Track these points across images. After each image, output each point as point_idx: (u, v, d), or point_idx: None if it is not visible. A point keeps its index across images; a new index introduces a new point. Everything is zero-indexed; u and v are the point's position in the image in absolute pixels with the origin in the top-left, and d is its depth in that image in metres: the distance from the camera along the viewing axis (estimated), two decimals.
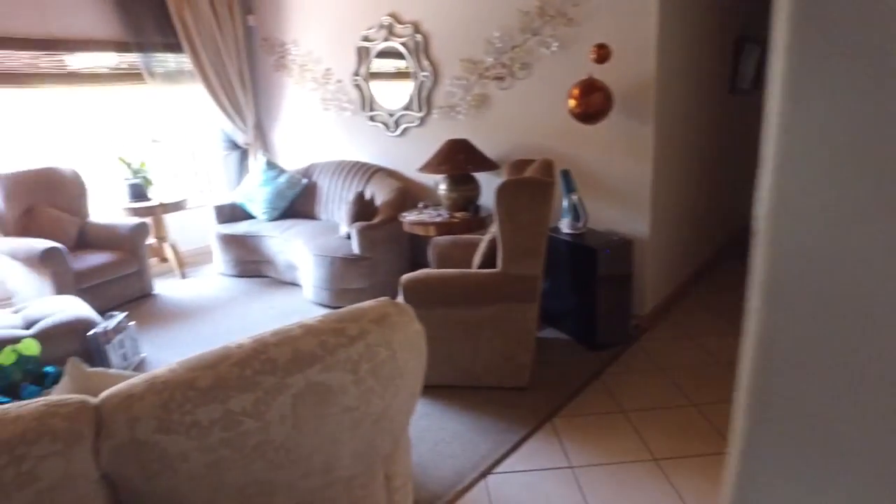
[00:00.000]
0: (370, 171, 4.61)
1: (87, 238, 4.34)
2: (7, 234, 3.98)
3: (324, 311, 3.86)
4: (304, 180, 4.89)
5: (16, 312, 3.28)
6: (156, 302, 4.30)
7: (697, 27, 3.61)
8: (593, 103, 3.11)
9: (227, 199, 4.94)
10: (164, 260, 4.87)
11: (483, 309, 2.68)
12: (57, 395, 1.27)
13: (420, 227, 3.65)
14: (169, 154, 5.28)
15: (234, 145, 5.47)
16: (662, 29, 3.08)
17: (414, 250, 4.36)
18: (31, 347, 2.88)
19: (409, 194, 4.32)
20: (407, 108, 4.35)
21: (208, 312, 4.06)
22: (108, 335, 3.13)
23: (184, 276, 4.79)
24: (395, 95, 4.43)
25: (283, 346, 1.25)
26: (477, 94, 3.91)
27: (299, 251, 4.22)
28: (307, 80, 5.04)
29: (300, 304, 4.11)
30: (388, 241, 3.97)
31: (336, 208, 4.70)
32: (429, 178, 4.25)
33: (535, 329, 2.79)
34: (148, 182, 4.69)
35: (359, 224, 3.84)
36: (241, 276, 4.72)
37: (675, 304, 3.88)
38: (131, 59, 4.79)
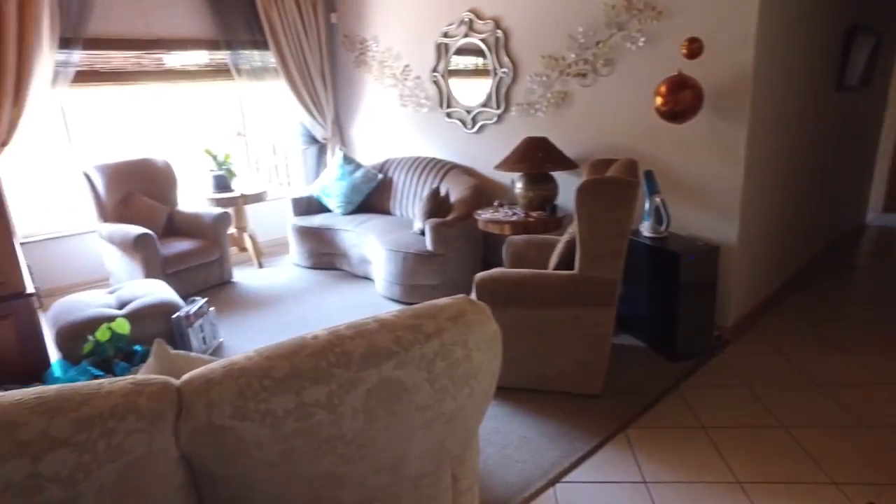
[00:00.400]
0: (445, 168, 4.61)
1: (175, 226, 4.59)
2: (106, 219, 4.27)
3: (395, 307, 3.88)
4: (380, 175, 4.96)
5: (111, 293, 3.51)
6: (234, 289, 4.49)
7: (802, 16, 3.36)
8: (682, 101, 2.96)
9: (304, 192, 5.09)
10: (244, 249, 5.08)
11: (558, 311, 2.60)
12: (143, 374, 1.33)
13: (495, 226, 3.61)
14: (251, 147, 5.51)
15: (313, 140, 5.63)
16: (763, 20, 2.89)
17: (487, 249, 4.33)
18: (123, 326, 3.07)
19: (484, 192, 4.29)
20: (485, 104, 4.31)
21: (283, 302, 4.19)
22: (189, 319, 3.29)
23: (261, 265, 4.97)
24: (472, 92, 4.41)
25: (359, 339, 1.24)
26: (557, 91, 3.82)
27: (372, 246, 4.28)
28: (386, 77, 5.11)
29: (372, 297, 4.17)
30: (462, 238, 3.95)
31: (410, 204, 4.74)
32: (505, 177, 4.20)
33: (610, 335, 2.69)
34: (231, 174, 4.90)
35: (432, 220, 3.85)
36: (315, 267, 4.84)
37: (764, 315, 3.64)
38: (220, 56, 5.03)
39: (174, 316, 3.25)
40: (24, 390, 1.03)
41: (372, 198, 4.97)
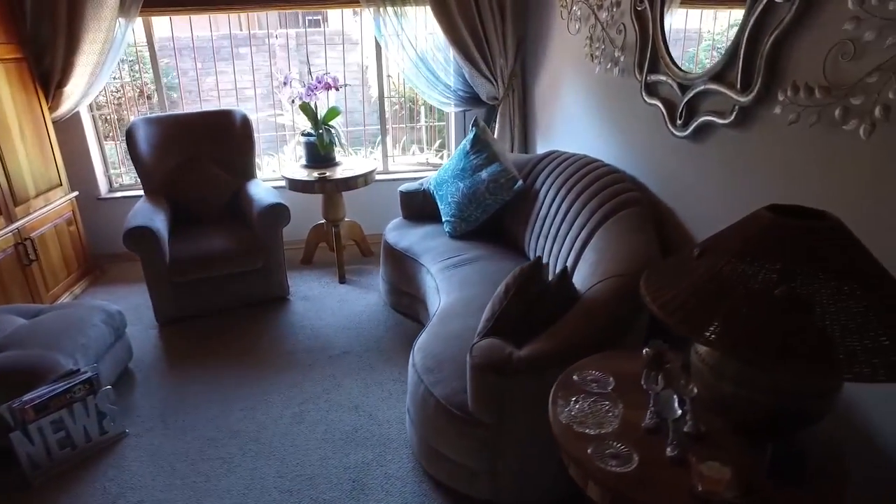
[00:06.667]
0: (625, 196, 2.12)
1: (238, 208, 3.20)
2: (151, 190, 3.12)
3: (402, 472, 1.74)
4: (519, 182, 2.68)
5: (33, 316, 2.34)
6: (270, 316, 2.92)
7: None
8: None
9: (419, 184, 3.14)
10: (332, 249, 3.48)
11: None
12: None
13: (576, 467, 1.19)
14: (369, 104, 3.71)
15: (476, 100, 3.53)
16: None
17: None
18: None
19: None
20: (716, 76, 1.64)
21: (287, 368, 2.46)
22: (25, 413, 1.88)
23: (343, 279, 3.31)
24: (703, 44, 1.76)
25: None
26: None
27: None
28: (576, 4, 2.64)
29: (390, 428, 2.15)
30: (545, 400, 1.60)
31: (549, 244, 2.41)
32: None
33: None
34: (324, 144, 3.19)
35: (490, 345, 1.58)
36: (395, 308, 2.97)
37: None
38: None
39: (4, 405, 1.88)
40: None
41: (507, 215, 2.76)
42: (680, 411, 1.23)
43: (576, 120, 2.81)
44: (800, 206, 1.07)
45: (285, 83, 3.09)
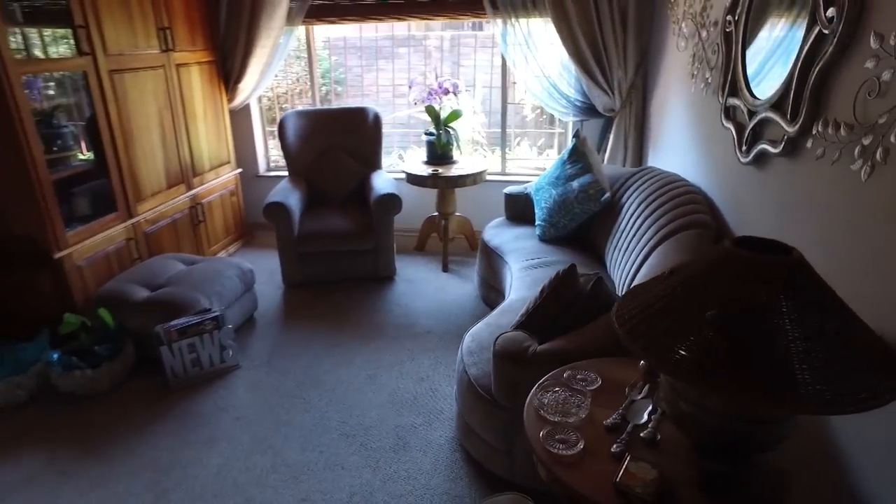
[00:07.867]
0: (690, 217, 2.13)
1: (361, 193, 3.67)
2: (294, 172, 3.71)
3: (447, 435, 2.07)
4: (606, 195, 2.74)
5: (190, 265, 2.99)
6: (378, 293, 3.33)
7: None
8: None
9: (525, 187, 3.31)
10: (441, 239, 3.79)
11: None
12: None
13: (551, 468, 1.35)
14: (492, 108, 3.91)
15: (593, 110, 3.59)
16: None
17: None
18: (106, 316, 2.52)
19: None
20: (776, 104, 1.63)
21: (372, 341, 2.86)
22: (170, 334, 2.47)
23: (445, 268, 3.62)
24: (774, 66, 1.73)
25: None
26: None
27: None
28: (684, 21, 2.62)
29: (437, 400, 2.40)
30: None
31: (622, 257, 2.47)
32: None
33: None
34: (442, 144, 3.51)
35: (511, 339, 1.77)
36: (483, 299, 3.21)
37: None
38: None
39: (157, 326, 2.49)
40: None
41: (595, 225, 2.84)
42: (645, 418, 1.33)
43: (675, 137, 2.79)
44: (773, 241, 1.12)
45: (410, 86, 3.48)
